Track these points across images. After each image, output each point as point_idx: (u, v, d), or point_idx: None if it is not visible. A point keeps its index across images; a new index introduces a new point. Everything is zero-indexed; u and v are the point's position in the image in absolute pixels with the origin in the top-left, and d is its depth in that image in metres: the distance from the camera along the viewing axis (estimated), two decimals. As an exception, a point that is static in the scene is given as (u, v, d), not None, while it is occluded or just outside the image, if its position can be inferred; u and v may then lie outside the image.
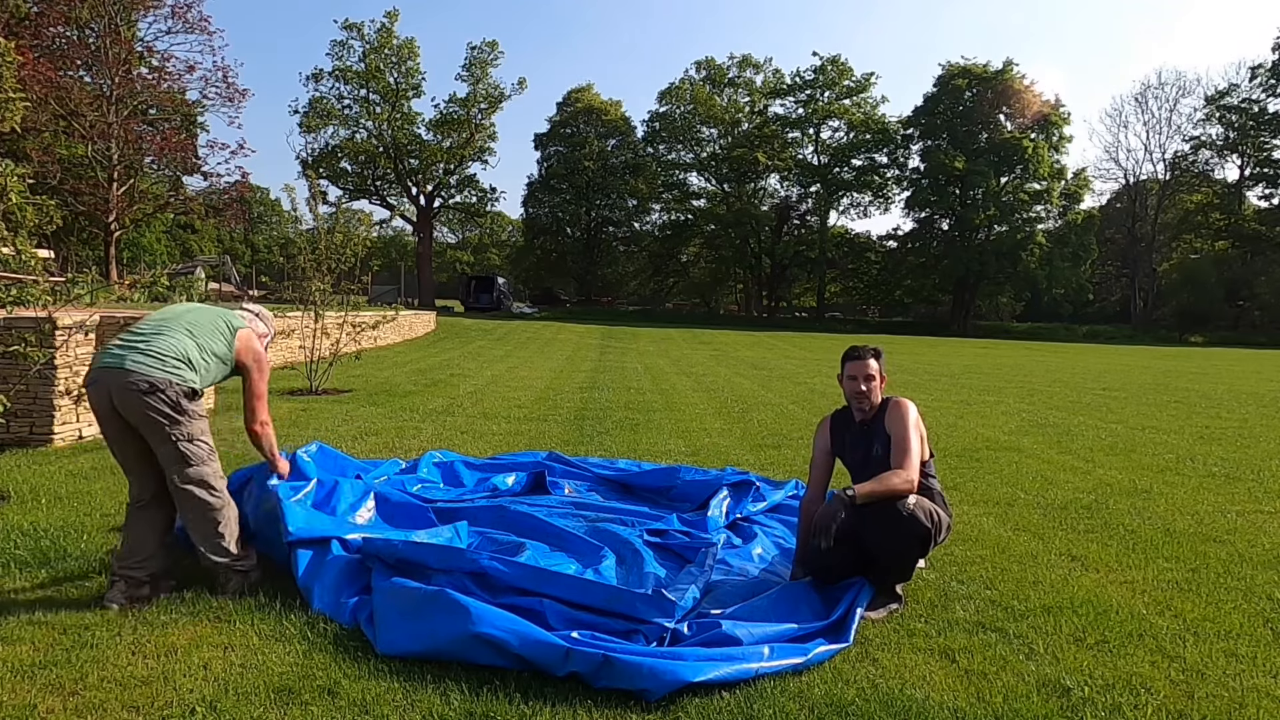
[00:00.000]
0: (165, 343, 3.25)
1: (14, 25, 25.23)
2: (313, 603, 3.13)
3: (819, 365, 18.68)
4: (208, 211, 32.87)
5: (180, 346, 3.27)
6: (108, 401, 3.15)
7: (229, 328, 3.48)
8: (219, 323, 3.48)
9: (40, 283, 4.97)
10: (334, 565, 3.30)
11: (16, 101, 5.23)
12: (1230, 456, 7.40)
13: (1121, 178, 63.77)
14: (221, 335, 3.44)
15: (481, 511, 4.20)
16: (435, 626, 2.74)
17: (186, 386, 3.19)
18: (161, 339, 3.27)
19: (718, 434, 7.99)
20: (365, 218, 12.72)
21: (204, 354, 3.33)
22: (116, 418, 3.17)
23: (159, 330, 3.31)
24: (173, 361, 3.21)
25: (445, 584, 3.05)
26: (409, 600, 2.89)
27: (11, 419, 5.88)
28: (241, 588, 3.27)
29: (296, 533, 3.37)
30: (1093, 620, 3.24)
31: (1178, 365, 23.23)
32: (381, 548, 3.30)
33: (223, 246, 59.13)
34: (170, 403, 3.13)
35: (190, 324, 3.39)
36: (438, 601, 2.83)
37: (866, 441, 3.52)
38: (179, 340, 3.29)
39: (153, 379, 3.12)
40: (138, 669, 2.63)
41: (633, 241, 60.63)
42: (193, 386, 3.21)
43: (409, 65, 46.98)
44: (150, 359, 3.18)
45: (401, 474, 4.94)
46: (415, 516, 3.94)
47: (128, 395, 3.10)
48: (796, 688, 2.60)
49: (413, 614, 2.83)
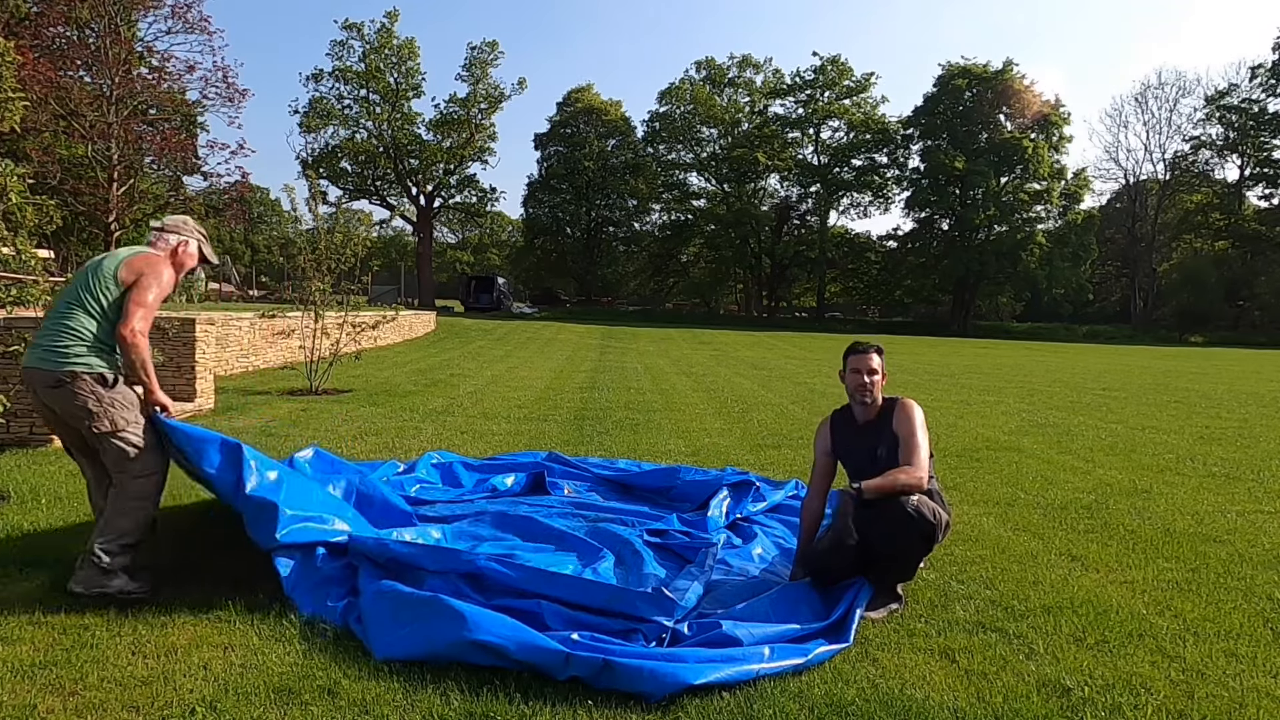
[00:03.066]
0: (60, 327, 3.13)
1: (14, 25, 25.21)
2: (302, 608, 3.06)
3: (819, 365, 18.67)
4: (208, 211, 32.79)
5: (73, 325, 3.11)
6: (37, 399, 3.18)
7: (113, 263, 3.24)
8: (103, 265, 3.24)
9: (40, 283, 4.98)
10: (317, 569, 3.21)
11: (16, 101, 5.23)
12: (1230, 456, 7.40)
13: (1121, 178, 63.87)
14: (107, 276, 3.20)
15: (480, 512, 4.20)
16: (431, 632, 2.71)
17: (94, 373, 3.08)
18: (56, 324, 3.14)
19: (718, 434, 7.99)
20: (365, 218, 12.74)
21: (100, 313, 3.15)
22: (48, 410, 3.18)
23: (55, 315, 3.18)
24: (72, 348, 3.08)
25: (439, 587, 3.02)
26: (401, 604, 2.84)
27: (11, 419, 5.88)
28: (90, 585, 3.07)
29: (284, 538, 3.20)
30: (1093, 620, 3.24)
31: (1178, 365, 23.23)
32: (372, 548, 3.24)
33: (223, 246, 59.12)
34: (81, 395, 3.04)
35: (77, 287, 3.20)
36: (432, 606, 2.80)
37: (870, 443, 3.52)
38: (71, 319, 3.13)
39: (58, 374, 3.05)
40: (138, 669, 2.63)
41: (633, 241, 60.60)
42: (101, 372, 3.09)
43: (409, 65, 46.99)
44: (50, 354, 3.09)
45: (400, 475, 4.93)
46: (396, 519, 3.80)
47: (47, 394, 3.10)
48: (796, 688, 2.60)
49: (407, 619, 2.78)
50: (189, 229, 3.56)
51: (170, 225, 3.51)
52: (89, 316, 3.14)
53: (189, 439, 3.32)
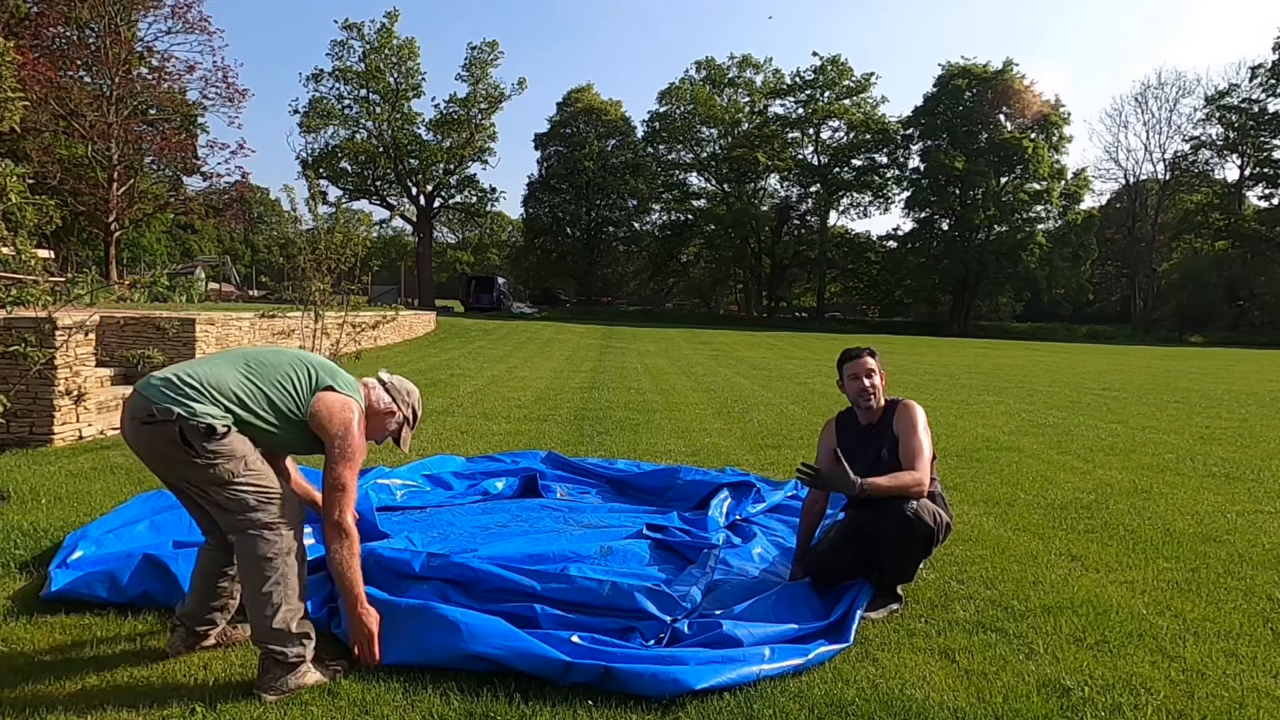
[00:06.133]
0: (197, 370, 2.55)
1: (14, 25, 25.20)
2: None
3: (819, 365, 18.67)
4: (208, 212, 32.82)
5: (216, 378, 2.54)
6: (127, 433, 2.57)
7: (308, 378, 2.65)
8: (296, 368, 2.66)
9: (40, 283, 4.97)
10: None
11: (16, 101, 5.22)
12: (1230, 456, 7.40)
13: (1121, 178, 63.81)
14: (291, 384, 2.62)
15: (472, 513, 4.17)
16: (424, 641, 2.65)
17: (200, 424, 2.43)
18: (196, 366, 2.58)
19: (718, 434, 7.99)
20: (365, 218, 12.69)
21: (253, 400, 2.56)
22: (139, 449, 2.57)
23: (205, 360, 2.64)
24: (190, 391, 2.48)
25: (426, 593, 2.98)
26: (389, 613, 2.72)
27: (11, 419, 5.87)
28: (281, 684, 2.47)
29: None
30: (1093, 620, 3.24)
31: (1178, 365, 23.23)
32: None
33: (223, 246, 59.09)
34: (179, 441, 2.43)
35: (254, 361, 2.65)
36: (422, 616, 2.72)
37: (873, 445, 3.50)
38: (220, 372, 2.57)
39: (153, 409, 2.44)
40: (138, 669, 2.63)
41: (633, 241, 60.59)
42: (209, 424, 2.44)
43: (409, 65, 46.97)
44: (164, 386, 2.50)
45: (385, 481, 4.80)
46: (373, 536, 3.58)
47: (131, 426, 2.52)
48: (796, 688, 2.60)
49: (399, 630, 2.69)
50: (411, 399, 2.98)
51: (399, 391, 2.94)
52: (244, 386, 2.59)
53: None
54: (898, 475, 3.28)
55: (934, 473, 3.57)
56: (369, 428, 2.84)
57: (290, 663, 2.49)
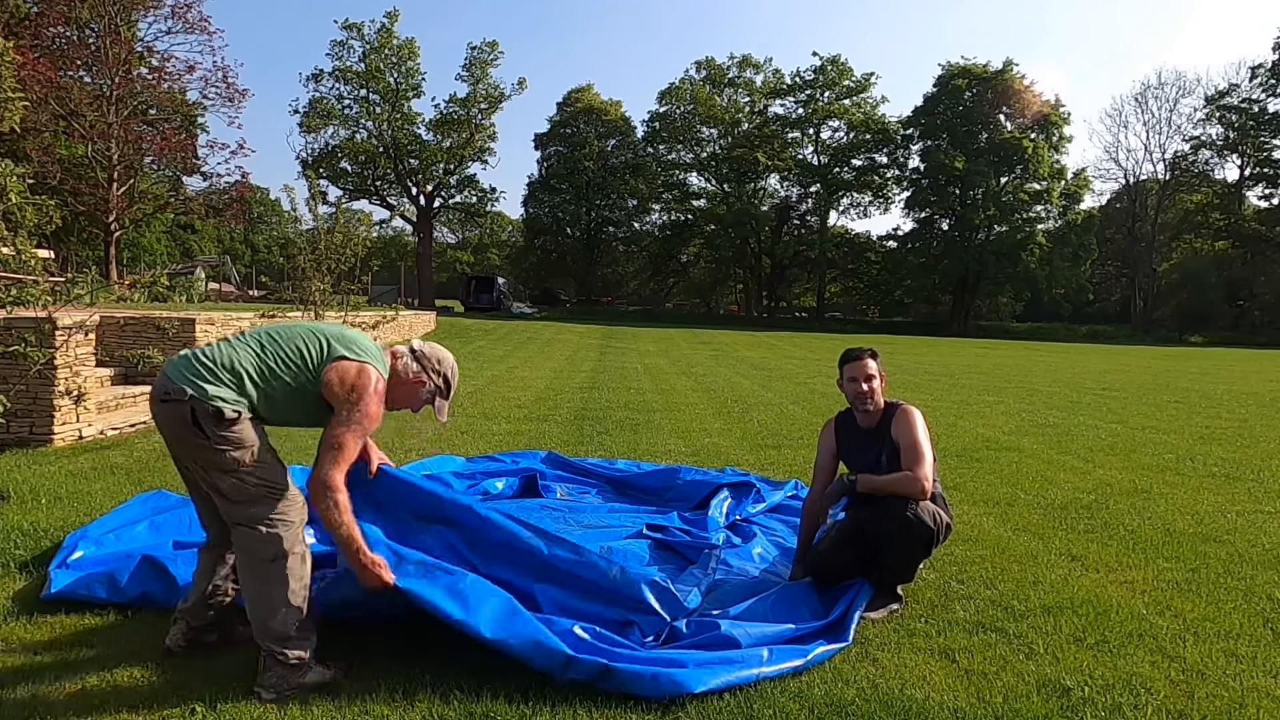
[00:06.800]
0: (213, 352, 2.56)
1: (14, 25, 25.22)
2: None
3: (819, 365, 18.66)
4: (208, 212, 32.86)
5: (227, 357, 2.53)
6: (152, 410, 2.58)
7: (320, 349, 2.60)
8: (308, 339, 2.62)
9: (40, 283, 4.97)
10: None
11: (16, 101, 5.23)
12: (1230, 456, 7.40)
13: (1121, 178, 63.77)
14: (301, 356, 2.58)
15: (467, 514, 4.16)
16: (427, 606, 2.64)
17: (210, 406, 2.43)
18: (214, 347, 2.59)
19: (718, 434, 7.99)
20: (365, 218, 12.74)
21: (264, 375, 2.54)
22: (160, 426, 2.57)
23: (225, 341, 2.64)
24: (204, 371, 2.48)
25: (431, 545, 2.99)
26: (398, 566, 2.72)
27: (11, 419, 5.87)
28: (280, 686, 2.46)
29: None
30: (1093, 620, 3.24)
31: (1178, 365, 23.23)
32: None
33: (223, 247, 59.08)
34: (190, 421, 2.43)
35: (267, 337, 2.63)
36: (431, 575, 2.74)
37: (873, 449, 3.50)
38: (234, 352, 2.55)
39: (170, 387, 2.46)
40: (138, 669, 2.63)
41: (633, 241, 60.58)
42: (218, 408, 2.43)
43: (409, 65, 46.97)
44: (182, 365, 2.52)
45: None
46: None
47: (154, 403, 2.54)
48: (796, 688, 2.60)
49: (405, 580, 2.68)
50: (443, 367, 2.96)
51: (429, 357, 2.90)
52: (256, 362, 2.58)
53: None
54: (898, 476, 3.30)
55: (935, 474, 3.57)
56: (396, 397, 2.80)
57: (290, 663, 2.48)
